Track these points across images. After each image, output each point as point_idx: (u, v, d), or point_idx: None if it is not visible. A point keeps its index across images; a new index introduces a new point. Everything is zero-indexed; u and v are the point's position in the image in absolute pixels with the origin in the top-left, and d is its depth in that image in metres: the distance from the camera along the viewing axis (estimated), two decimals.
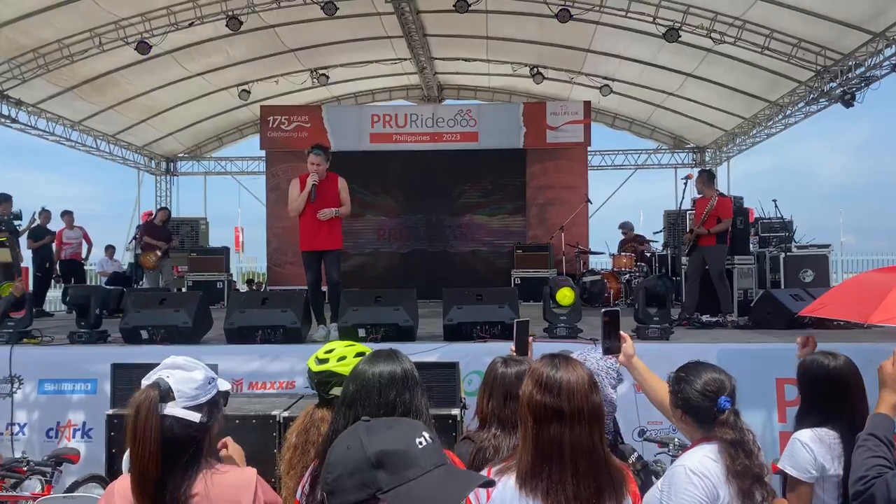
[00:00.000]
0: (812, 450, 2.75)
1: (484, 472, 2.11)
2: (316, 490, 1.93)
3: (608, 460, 2.02)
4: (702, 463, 2.28)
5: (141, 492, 1.86)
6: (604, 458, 2.00)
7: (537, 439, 2.00)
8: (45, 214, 11.43)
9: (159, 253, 11.90)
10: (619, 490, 1.99)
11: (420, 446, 1.38)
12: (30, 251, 11.22)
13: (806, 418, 2.90)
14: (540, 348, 3.26)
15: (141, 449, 1.84)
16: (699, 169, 9.54)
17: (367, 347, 2.67)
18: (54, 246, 11.65)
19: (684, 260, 8.85)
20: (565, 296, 6.21)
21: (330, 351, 2.83)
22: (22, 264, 11.04)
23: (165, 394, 1.91)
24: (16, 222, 10.44)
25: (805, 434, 2.81)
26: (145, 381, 1.97)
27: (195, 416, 1.93)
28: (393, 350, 2.28)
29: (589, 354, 2.92)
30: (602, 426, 2.04)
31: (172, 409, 1.90)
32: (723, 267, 8.29)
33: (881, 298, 2.83)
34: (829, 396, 2.85)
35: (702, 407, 2.34)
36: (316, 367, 2.78)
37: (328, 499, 1.35)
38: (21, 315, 6.52)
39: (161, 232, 12.37)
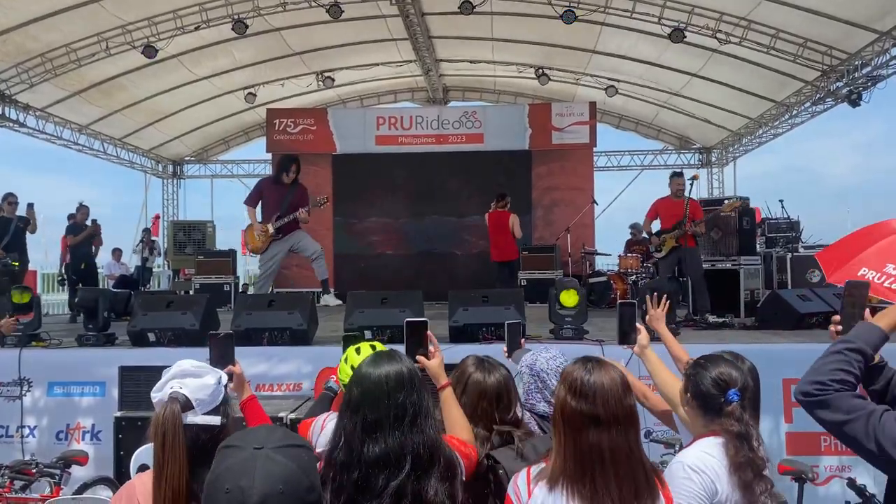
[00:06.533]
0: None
1: (524, 473, 2.12)
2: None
3: (644, 461, 2.06)
4: (700, 458, 2.29)
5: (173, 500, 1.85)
6: (641, 459, 2.04)
7: (575, 446, 2.01)
8: (83, 210, 11.24)
9: (270, 228, 8.74)
10: (654, 491, 2.03)
11: None
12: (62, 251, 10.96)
13: None
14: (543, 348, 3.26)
15: (170, 465, 1.84)
16: (673, 171, 9.35)
17: (382, 345, 2.66)
18: (60, 249, 11.66)
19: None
20: (569, 297, 6.20)
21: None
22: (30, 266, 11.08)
23: (185, 405, 1.93)
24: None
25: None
26: (157, 394, 1.97)
27: (216, 420, 1.96)
28: (393, 350, 2.28)
29: (540, 355, 2.92)
30: (638, 428, 2.07)
31: (194, 419, 1.92)
32: (702, 268, 8.39)
33: (851, 258, 2.77)
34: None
35: (710, 394, 2.38)
36: None
37: None
38: (29, 318, 6.54)
39: (297, 195, 8.89)
